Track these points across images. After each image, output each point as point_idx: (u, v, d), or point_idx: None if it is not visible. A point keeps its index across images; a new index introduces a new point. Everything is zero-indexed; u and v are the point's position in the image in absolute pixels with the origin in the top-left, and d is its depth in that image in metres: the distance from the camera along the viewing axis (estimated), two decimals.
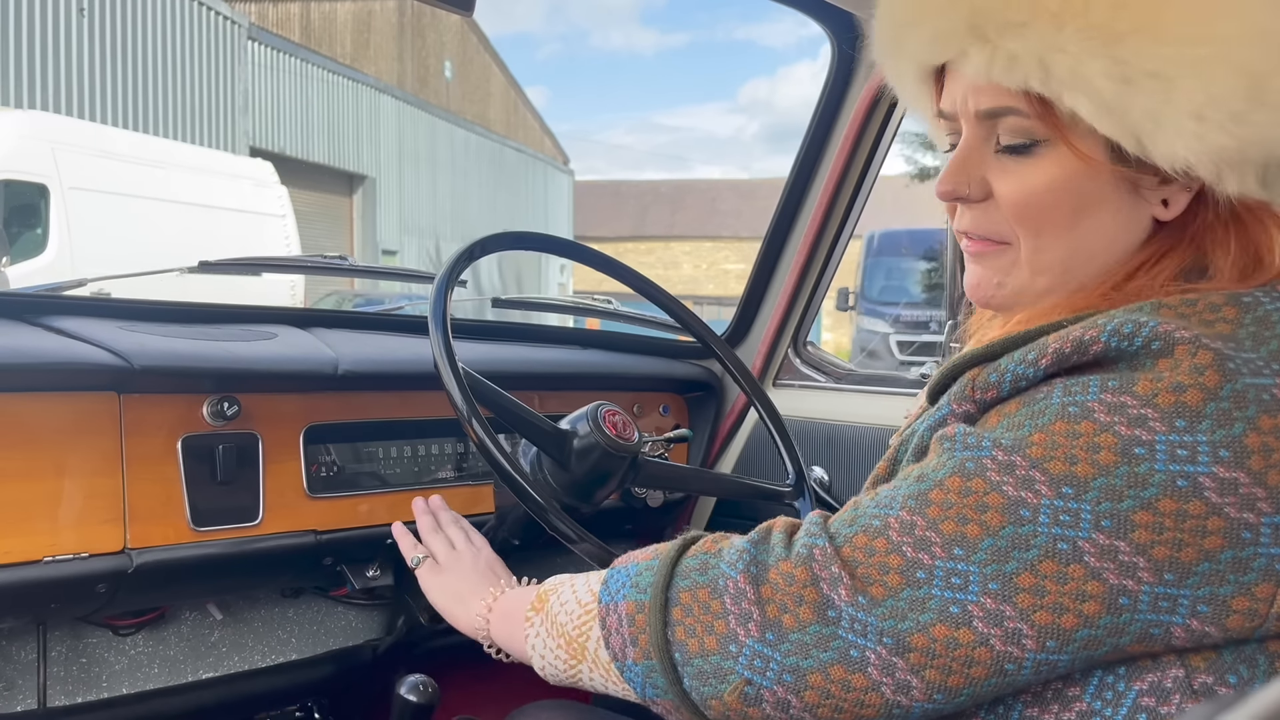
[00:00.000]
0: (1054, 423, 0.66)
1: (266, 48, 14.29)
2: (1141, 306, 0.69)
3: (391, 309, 1.86)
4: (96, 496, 1.18)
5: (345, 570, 1.41)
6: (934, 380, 0.79)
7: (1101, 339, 0.67)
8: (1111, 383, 0.65)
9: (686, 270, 28.51)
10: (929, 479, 0.71)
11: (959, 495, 0.68)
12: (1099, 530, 0.64)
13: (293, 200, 10.80)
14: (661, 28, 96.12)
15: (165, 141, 10.68)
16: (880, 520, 0.72)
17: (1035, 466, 0.66)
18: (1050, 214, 0.75)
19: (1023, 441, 0.67)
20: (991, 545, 0.66)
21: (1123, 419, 0.64)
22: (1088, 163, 0.73)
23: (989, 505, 0.67)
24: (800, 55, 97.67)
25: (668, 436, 1.65)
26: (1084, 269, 0.77)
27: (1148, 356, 0.65)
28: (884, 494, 0.74)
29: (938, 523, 0.69)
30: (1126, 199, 0.74)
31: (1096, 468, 0.64)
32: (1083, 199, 0.74)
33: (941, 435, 0.73)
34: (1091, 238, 0.75)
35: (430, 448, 1.48)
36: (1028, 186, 0.75)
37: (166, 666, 1.38)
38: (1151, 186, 0.74)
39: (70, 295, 1.43)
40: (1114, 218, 0.75)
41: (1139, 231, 0.75)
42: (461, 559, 1.12)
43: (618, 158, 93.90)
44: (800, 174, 1.81)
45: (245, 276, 7.25)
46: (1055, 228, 0.75)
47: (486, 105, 21.71)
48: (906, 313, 12.00)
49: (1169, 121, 0.68)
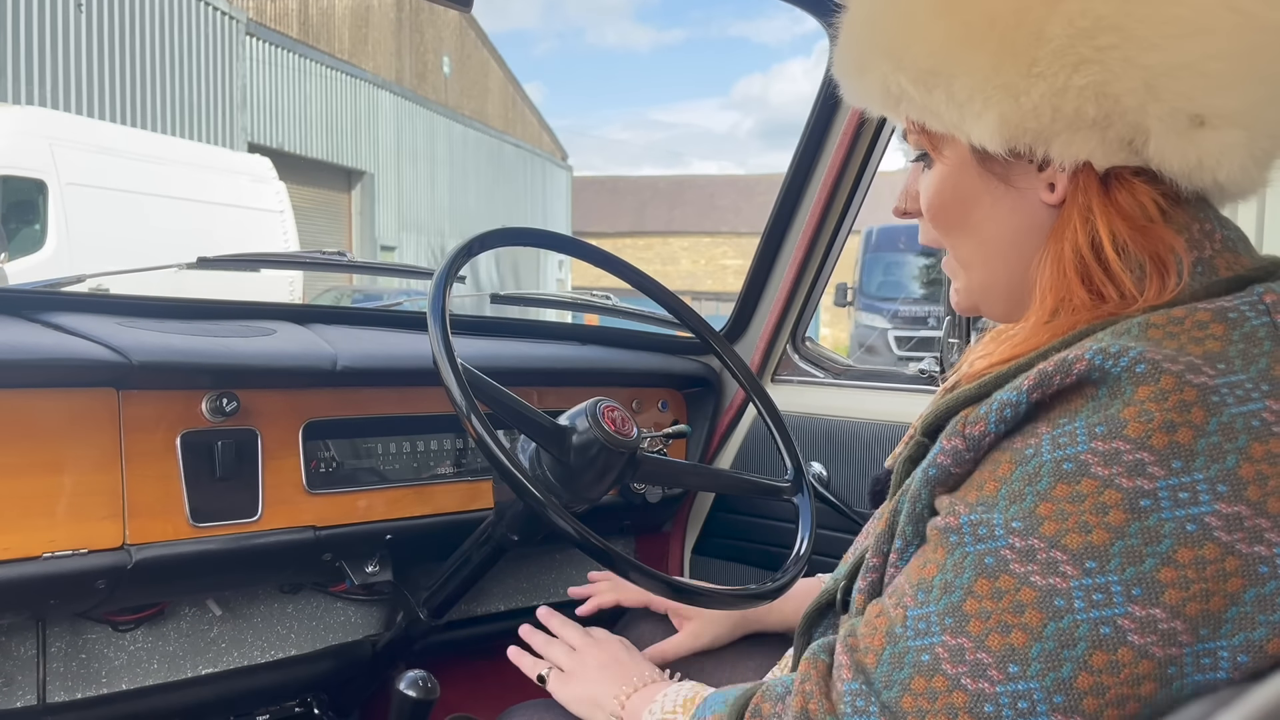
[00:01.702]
0: (1054, 487, 0.65)
1: (264, 43, 14.27)
2: (1129, 328, 0.68)
3: (390, 305, 1.85)
4: (96, 493, 1.18)
5: (344, 566, 1.41)
6: (928, 418, 0.79)
7: (1086, 357, 0.66)
8: (1099, 428, 0.64)
9: (685, 266, 28.50)
10: (955, 588, 0.68)
11: (992, 600, 0.66)
12: (1132, 602, 0.62)
13: (291, 196, 10.78)
14: (657, 25, 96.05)
15: (163, 137, 10.66)
16: (929, 654, 0.68)
17: (1054, 546, 0.64)
18: (946, 214, 0.82)
19: (1033, 519, 0.66)
20: (1041, 652, 0.64)
21: (1121, 469, 0.63)
22: (949, 164, 0.80)
23: (1024, 604, 0.65)
24: (794, 52, 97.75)
25: (666, 432, 1.65)
26: (997, 258, 0.81)
27: (1130, 382, 0.64)
28: (913, 613, 0.70)
29: (984, 640, 0.66)
30: (999, 188, 0.79)
31: (1111, 531, 0.63)
32: (961, 195, 0.81)
33: (945, 528, 0.70)
34: (986, 228, 0.81)
35: (429, 443, 1.48)
36: (927, 193, 0.83)
37: (166, 662, 1.38)
38: (1029, 172, 0.77)
39: (68, 291, 1.43)
40: (995, 207, 0.79)
41: (1033, 215, 0.78)
42: (585, 660, 1.11)
43: (615, 153, 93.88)
44: (798, 170, 1.81)
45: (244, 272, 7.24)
46: (955, 226, 0.83)
47: (485, 101, 21.68)
48: (904, 308, 12.00)
49: (965, 107, 0.74)
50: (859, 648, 0.73)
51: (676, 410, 1.83)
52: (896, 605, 0.72)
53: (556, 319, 4.45)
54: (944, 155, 0.81)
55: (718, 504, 1.93)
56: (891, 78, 0.78)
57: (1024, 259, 0.79)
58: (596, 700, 1.06)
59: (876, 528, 0.86)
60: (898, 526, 0.77)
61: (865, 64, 0.81)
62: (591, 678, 1.08)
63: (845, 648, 0.74)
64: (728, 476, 1.52)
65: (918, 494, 0.75)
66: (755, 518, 1.87)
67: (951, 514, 0.70)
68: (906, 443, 0.84)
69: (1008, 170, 0.78)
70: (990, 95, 0.72)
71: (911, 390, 1.81)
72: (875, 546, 0.79)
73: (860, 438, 1.72)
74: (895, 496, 0.79)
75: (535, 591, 1.81)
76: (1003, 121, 0.73)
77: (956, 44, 0.74)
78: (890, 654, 0.70)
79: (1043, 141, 0.73)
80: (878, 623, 0.73)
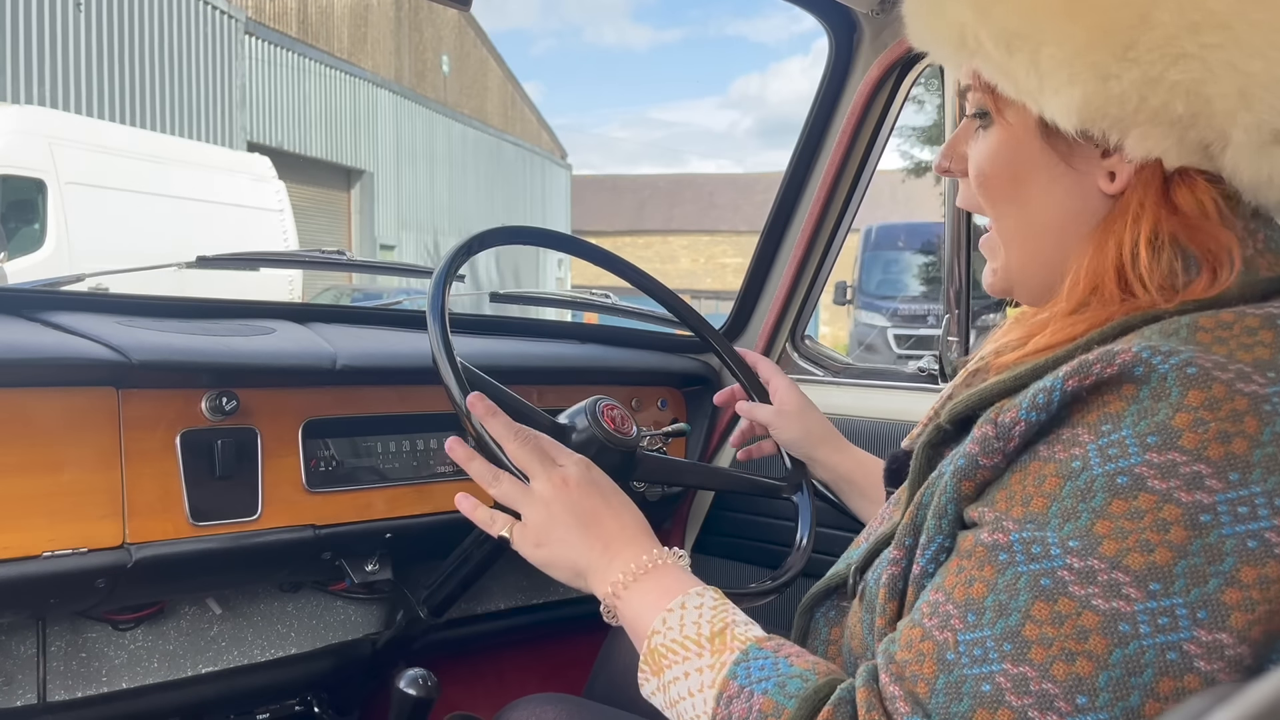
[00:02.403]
0: (1110, 503, 0.62)
1: (264, 42, 14.26)
2: (1177, 329, 0.66)
3: (389, 304, 1.85)
4: (95, 492, 1.18)
5: (344, 565, 1.41)
6: (957, 406, 0.75)
7: (1134, 350, 0.64)
8: (1151, 438, 0.62)
9: (684, 264, 28.50)
10: (1011, 611, 0.64)
11: (1053, 625, 0.62)
12: (1198, 626, 0.60)
13: (290, 195, 10.78)
14: (654, 23, 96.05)
15: (162, 136, 10.66)
16: (990, 684, 0.63)
17: (1116, 567, 0.61)
18: (998, 182, 0.79)
19: (1091, 538, 0.62)
20: (1109, 681, 0.61)
21: (1179, 482, 0.61)
22: (1017, 129, 0.77)
23: (1088, 630, 0.61)
24: (792, 51, 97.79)
25: (666, 431, 1.65)
26: (1041, 240, 0.79)
27: (1179, 384, 0.62)
28: (965, 637, 0.66)
29: (1048, 669, 0.62)
30: (1058, 167, 0.76)
31: (1174, 550, 0.60)
32: (1017, 166, 0.78)
33: (994, 545, 0.66)
34: (1035, 206, 0.78)
35: (429, 442, 1.48)
36: (978, 157, 0.81)
37: (166, 661, 1.38)
38: (1092, 156, 0.75)
39: (68, 290, 1.43)
40: (1051, 186, 0.77)
41: (1088, 202, 0.76)
42: (554, 514, 0.89)
43: (613, 152, 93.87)
44: (798, 168, 1.81)
45: (243, 271, 7.25)
46: (1004, 197, 0.80)
47: (484, 100, 21.68)
48: (904, 307, 12.01)
49: (1047, 78, 0.71)
50: (905, 675, 0.68)
51: (676, 409, 1.84)
52: (942, 627, 0.67)
53: (556, 317, 4.45)
54: (1006, 120, 0.78)
55: (717, 502, 1.93)
56: (970, 29, 0.74)
57: (1066, 243, 0.77)
58: (579, 571, 0.88)
59: (893, 514, 0.84)
60: (923, 520, 0.74)
61: (944, 6, 0.77)
62: (570, 539, 0.88)
63: (891, 676, 0.68)
64: (727, 475, 1.52)
65: (945, 487, 0.72)
66: (755, 516, 1.87)
67: (999, 530, 0.67)
68: (925, 426, 0.83)
69: (1071, 150, 0.75)
70: (1077, 71, 0.70)
71: (911, 389, 1.81)
72: (898, 539, 0.76)
73: (860, 436, 1.72)
74: (919, 487, 0.76)
75: (535, 589, 1.81)
76: (1085, 102, 0.70)
77: (1053, 10, 0.70)
78: (945, 683, 0.65)
79: (1120, 130, 0.70)
80: (923, 647, 0.68)
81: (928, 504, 0.74)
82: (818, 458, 1.30)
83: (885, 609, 0.75)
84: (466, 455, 0.95)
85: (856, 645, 0.81)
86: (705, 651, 0.77)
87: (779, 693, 0.72)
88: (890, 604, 0.75)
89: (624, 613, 0.85)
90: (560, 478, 0.90)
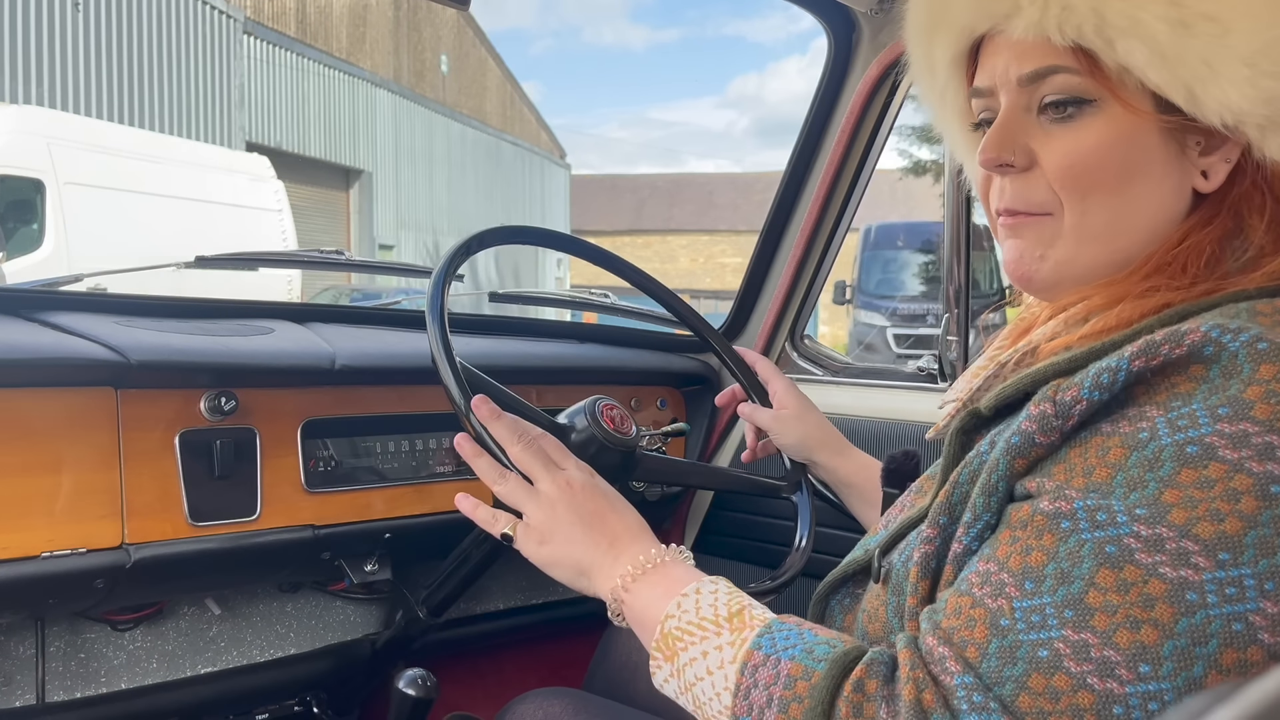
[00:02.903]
0: (1179, 472, 0.61)
1: (262, 42, 14.26)
2: (1238, 312, 0.66)
3: (389, 303, 1.85)
4: (94, 492, 1.18)
5: (343, 565, 1.41)
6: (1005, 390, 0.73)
7: (1202, 330, 0.63)
8: (1223, 409, 0.61)
9: (683, 264, 28.51)
10: (1074, 578, 0.63)
11: (1118, 593, 0.61)
12: (1265, 597, 0.59)
13: (289, 195, 10.77)
14: (652, 23, 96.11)
15: (161, 136, 10.65)
16: (1048, 650, 0.62)
17: (1185, 535, 0.60)
18: (1098, 175, 0.74)
19: (1159, 506, 0.61)
20: (1174, 650, 0.60)
21: (1250, 452, 0.60)
22: (1137, 117, 0.72)
23: (1154, 597, 0.60)
24: (790, 50, 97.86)
25: (665, 430, 1.65)
26: (1129, 238, 0.75)
27: (1250, 359, 0.62)
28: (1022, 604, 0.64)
29: (1111, 635, 0.61)
30: (1174, 162, 0.74)
31: (1244, 520, 0.60)
32: (1131, 159, 0.73)
33: (1055, 513, 0.65)
34: (1138, 203, 0.74)
35: (428, 442, 1.48)
36: (1076, 148, 0.74)
37: (165, 661, 1.38)
38: (1194, 152, 0.74)
39: (67, 291, 1.43)
40: (1161, 182, 0.74)
41: (1182, 201, 0.75)
42: (558, 514, 0.88)
43: (612, 151, 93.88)
44: (797, 167, 1.81)
45: (242, 271, 7.24)
46: (1103, 190, 0.74)
47: (483, 99, 21.67)
48: (903, 306, 12.01)
49: (1223, 67, 0.68)
50: (954, 640, 0.66)
51: (675, 408, 1.83)
52: (996, 595, 0.66)
53: (555, 317, 4.45)
54: (1114, 108, 0.73)
55: (717, 502, 1.93)
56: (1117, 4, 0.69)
57: (1150, 242, 0.75)
58: (584, 570, 0.87)
59: (916, 501, 0.84)
60: (963, 499, 0.73)
61: None
62: (574, 537, 0.88)
63: (939, 639, 0.67)
64: (727, 474, 1.52)
65: (995, 464, 0.70)
66: (754, 516, 1.87)
67: (1061, 498, 0.65)
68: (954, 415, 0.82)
69: (1185, 143, 0.73)
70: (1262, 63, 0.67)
71: (910, 388, 1.81)
72: (931, 519, 0.75)
73: (859, 435, 1.72)
74: (955, 470, 0.75)
75: (534, 589, 1.81)
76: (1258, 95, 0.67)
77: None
78: (999, 647, 0.64)
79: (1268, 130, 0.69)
80: (974, 613, 0.66)
81: (966, 483, 0.73)
82: (818, 461, 1.30)
83: (917, 588, 0.74)
84: (474, 451, 0.94)
85: (877, 628, 0.80)
86: (725, 630, 0.76)
87: (807, 657, 0.71)
88: (923, 583, 0.74)
89: (632, 605, 0.83)
90: (564, 479, 0.90)
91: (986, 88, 0.80)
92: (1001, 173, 0.79)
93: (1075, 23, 0.71)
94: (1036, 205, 0.78)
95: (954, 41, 0.82)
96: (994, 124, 0.79)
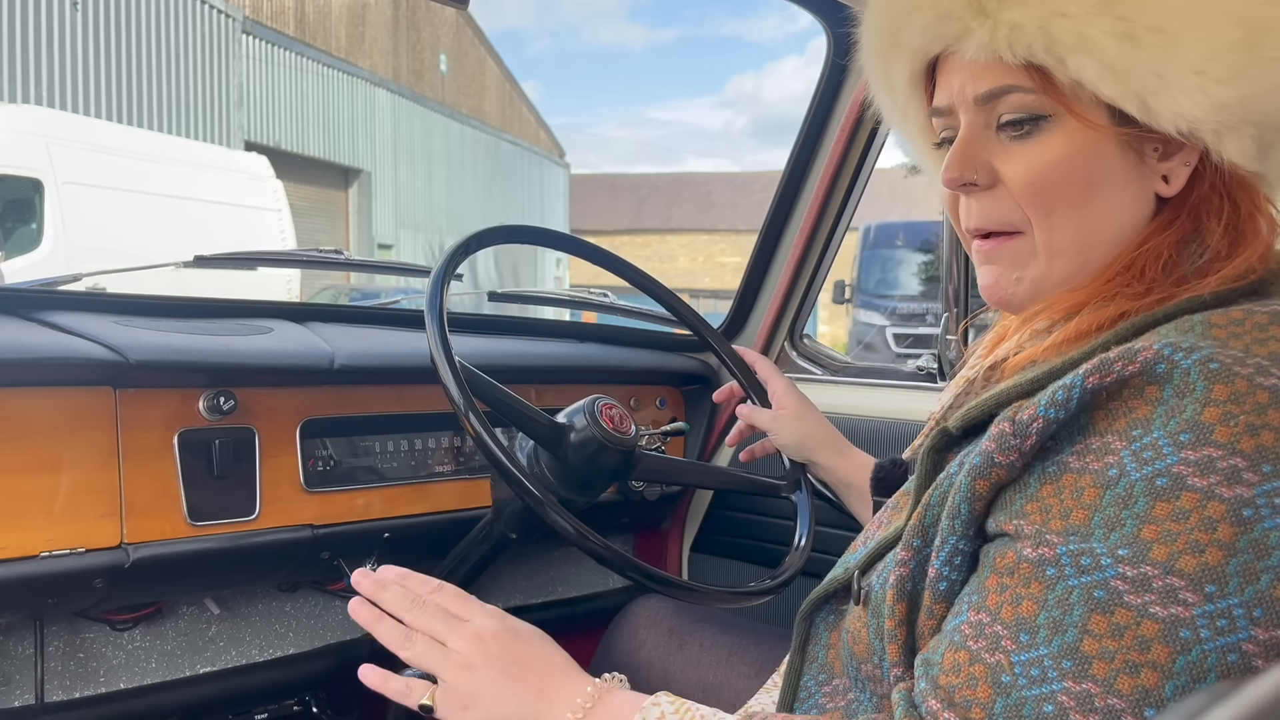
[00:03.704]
0: (1153, 506, 0.61)
1: (261, 41, 14.25)
2: (1191, 326, 0.66)
3: (388, 303, 1.85)
4: (93, 491, 1.18)
5: (342, 564, 1.41)
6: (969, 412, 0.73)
7: (1155, 348, 0.63)
8: (1184, 435, 0.61)
9: (682, 263, 28.51)
10: (1067, 627, 0.62)
11: (1113, 638, 0.61)
12: (1255, 625, 0.59)
13: (288, 195, 10.77)
14: (650, 23, 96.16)
15: (160, 136, 10.65)
16: (1052, 704, 0.61)
17: (1170, 571, 0.60)
18: (1061, 190, 0.74)
19: (1139, 544, 0.61)
20: (1175, 690, 0.60)
21: (1218, 478, 0.60)
22: (1094, 131, 0.73)
23: (1149, 639, 0.60)
24: (787, 50, 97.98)
25: (664, 430, 1.65)
26: (1098, 249, 0.76)
27: (1203, 378, 0.62)
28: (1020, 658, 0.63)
29: (1112, 682, 0.60)
30: (1134, 171, 0.74)
31: (1224, 549, 0.60)
32: (1092, 172, 0.74)
33: (1039, 560, 0.65)
34: (1102, 214, 0.75)
35: (427, 442, 1.48)
36: (1036, 164, 0.75)
37: (164, 661, 1.38)
38: (1152, 159, 0.74)
39: (65, 290, 1.42)
40: (1123, 191, 0.74)
41: (1146, 207, 0.75)
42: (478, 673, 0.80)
43: (610, 151, 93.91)
44: (796, 166, 1.81)
45: (241, 271, 7.24)
46: (1067, 205, 0.75)
47: (482, 99, 21.67)
48: (902, 305, 12.01)
49: (1173, 76, 0.68)
50: (956, 701, 0.65)
51: (674, 408, 1.83)
52: (993, 650, 0.65)
53: (554, 316, 4.44)
54: (1071, 123, 0.73)
55: (716, 501, 1.93)
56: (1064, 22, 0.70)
57: (1119, 249, 0.75)
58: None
59: (891, 518, 0.83)
60: (935, 522, 0.73)
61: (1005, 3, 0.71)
62: (500, 695, 0.79)
63: (941, 703, 0.65)
64: (726, 474, 1.52)
65: (959, 486, 0.70)
66: (754, 515, 1.87)
67: (1044, 544, 0.65)
68: (928, 433, 0.83)
69: (1143, 151, 0.74)
70: (1212, 70, 0.67)
71: (909, 387, 1.81)
72: (905, 540, 0.75)
73: (858, 435, 1.72)
74: (926, 491, 0.75)
75: (533, 589, 1.81)
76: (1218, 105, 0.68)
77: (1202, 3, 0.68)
78: (1003, 706, 0.63)
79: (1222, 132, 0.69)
80: (974, 670, 0.65)
81: (936, 505, 0.73)
82: (817, 461, 1.30)
83: (894, 610, 0.74)
84: (372, 617, 0.85)
85: (860, 649, 0.80)
86: None
87: None
88: (899, 605, 0.74)
89: None
90: (474, 633, 0.82)
91: (945, 107, 0.80)
92: (965, 191, 0.80)
93: (1025, 42, 0.72)
94: (1006, 224, 0.78)
95: (909, 63, 0.83)
96: (955, 143, 0.79)
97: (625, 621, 1.36)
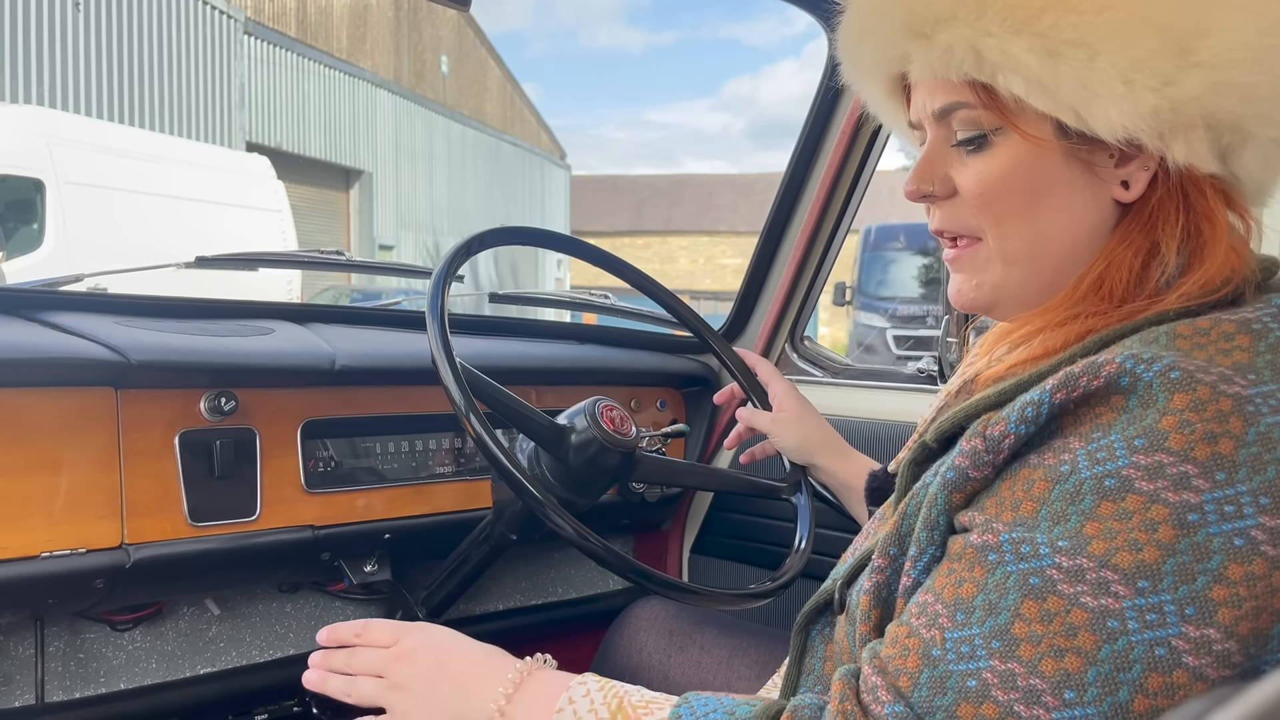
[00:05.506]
0: (1099, 505, 0.63)
1: (262, 42, 14.26)
2: (1156, 337, 0.67)
3: (389, 304, 1.85)
4: (94, 492, 1.18)
5: (343, 565, 1.41)
6: (943, 424, 0.75)
7: (1117, 360, 0.64)
8: (1139, 440, 0.62)
9: (683, 265, 28.50)
10: (1000, 609, 0.64)
11: (1042, 623, 0.63)
12: (1187, 622, 0.60)
13: (289, 195, 10.77)
14: (648, 27, 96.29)
15: (161, 136, 10.65)
16: (976, 680, 0.64)
17: (1105, 565, 0.62)
18: (1008, 201, 0.77)
19: (1080, 538, 0.63)
20: (1097, 676, 0.61)
21: (1166, 483, 0.61)
22: (1036, 144, 0.75)
23: (1076, 626, 0.62)
24: (784, 53, 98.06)
25: (665, 431, 1.65)
26: (1051, 254, 0.78)
27: (1164, 389, 0.62)
28: (953, 635, 0.66)
29: (1036, 665, 0.62)
30: (1081, 179, 0.75)
31: (1162, 548, 0.61)
32: (1036, 182, 0.76)
33: (983, 546, 0.67)
34: (1052, 221, 0.77)
35: (428, 443, 1.48)
36: (984, 177, 0.78)
37: (164, 662, 1.38)
38: (1107, 166, 0.75)
39: (67, 291, 1.43)
40: (1071, 199, 0.76)
41: (1102, 212, 0.76)
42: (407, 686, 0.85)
43: (610, 152, 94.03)
44: (797, 168, 1.81)
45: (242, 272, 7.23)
46: (1015, 215, 0.77)
47: (483, 100, 21.68)
48: (903, 307, 12.01)
49: (1100, 88, 0.70)
50: (889, 669, 0.68)
51: (675, 409, 1.83)
52: (929, 626, 0.68)
53: (555, 318, 4.45)
54: (1020, 135, 0.75)
55: (716, 503, 1.93)
56: (990, 41, 0.72)
57: (1077, 256, 0.77)
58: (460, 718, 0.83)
59: (878, 529, 0.85)
60: (910, 532, 0.74)
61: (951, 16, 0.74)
62: (432, 701, 0.84)
63: (874, 669, 0.68)
64: (726, 475, 1.52)
65: (933, 499, 0.72)
66: (754, 517, 1.87)
67: (989, 531, 0.67)
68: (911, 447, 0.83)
69: (1093, 159, 0.75)
70: (1136, 79, 0.69)
71: (910, 389, 1.81)
72: (881, 548, 0.76)
73: (859, 437, 1.72)
74: (903, 501, 0.77)
75: (534, 590, 1.81)
76: (1141, 110, 0.69)
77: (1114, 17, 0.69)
78: (929, 677, 0.66)
79: (1166, 137, 0.70)
80: (909, 643, 0.68)
81: (912, 515, 0.75)
82: (818, 463, 1.30)
83: (869, 616, 0.76)
84: (320, 680, 0.90)
85: (847, 659, 0.82)
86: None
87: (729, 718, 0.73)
88: (874, 611, 0.76)
89: None
90: (396, 655, 0.86)
91: (915, 122, 0.84)
92: (926, 203, 0.84)
93: (958, 62, 0.75)
94: (966, 229, 0.81)
95: (879, 84, 0.87)
96: (919, 157, 0.83)
97: (625, 623, 1.36)
